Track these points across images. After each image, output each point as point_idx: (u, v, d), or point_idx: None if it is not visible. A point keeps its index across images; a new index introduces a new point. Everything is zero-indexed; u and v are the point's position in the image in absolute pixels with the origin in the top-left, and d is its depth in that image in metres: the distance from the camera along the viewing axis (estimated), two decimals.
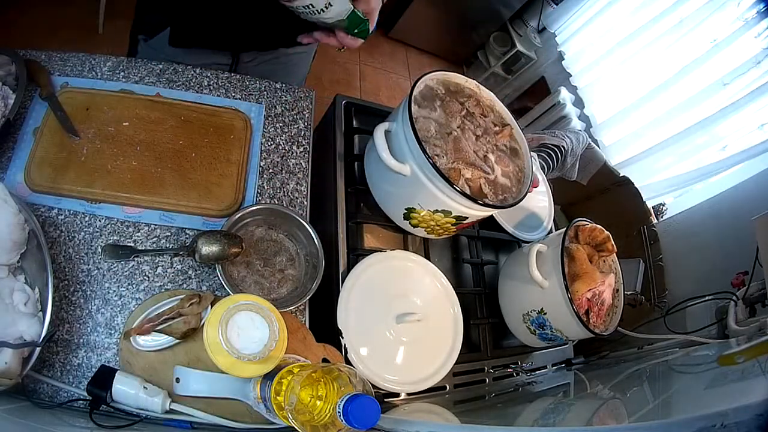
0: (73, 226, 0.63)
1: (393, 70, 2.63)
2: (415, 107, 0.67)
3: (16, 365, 0.47)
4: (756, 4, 1.54)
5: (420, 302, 0.74)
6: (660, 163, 1.82)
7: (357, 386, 0.45)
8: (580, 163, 1.44)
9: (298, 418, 0.43)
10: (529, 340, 0.82)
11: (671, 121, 1.80)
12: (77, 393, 0.54)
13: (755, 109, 1.51)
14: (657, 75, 1.88)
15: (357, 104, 0.90)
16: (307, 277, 0.69)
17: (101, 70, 0.75)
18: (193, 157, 0.71)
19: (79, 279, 0.60)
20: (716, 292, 0.90)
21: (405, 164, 0.65)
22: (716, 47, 1.66)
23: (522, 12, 2.56)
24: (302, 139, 0.82)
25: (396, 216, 0.74)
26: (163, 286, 0.63)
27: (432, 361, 0.72)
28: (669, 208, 1.56)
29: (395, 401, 0.69)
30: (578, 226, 0.80)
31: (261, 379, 0.51)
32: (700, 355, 0.75)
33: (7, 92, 0.63)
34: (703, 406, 0.46)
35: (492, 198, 0.68)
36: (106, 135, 0.68)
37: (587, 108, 2.18)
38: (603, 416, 0.58)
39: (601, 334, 0.75)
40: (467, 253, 0.92)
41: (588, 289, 0.73)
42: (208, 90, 0.79)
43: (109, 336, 0.58)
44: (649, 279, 1.20)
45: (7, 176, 0.63)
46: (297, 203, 0.76)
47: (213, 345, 0.47)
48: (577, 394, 0.78)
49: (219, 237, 0.61)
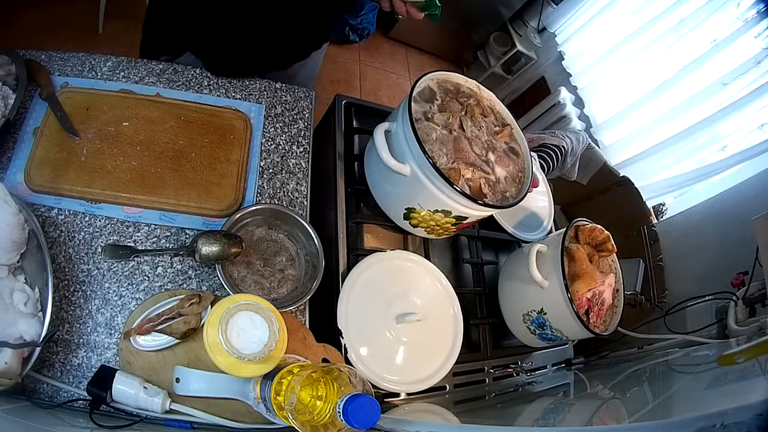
0: (73, 226, 0.63)
1: (393, 70, 2.63)
2: (415, 107, 0.67)
3: (16, 365, 0.47)
4: (756, 5, 1.54)
5: (420, 302, 0.74)
6: (660, 163, 1.82)
7: (357, 386, 0.45)
8: (580, 163, 1.44)
9: (298, 418, 0.43)
10: (529, 340, 0.82)
11: (671, 121, 1.80)
12: (77, 393, 0.54)
13: (755, 109, 1.51)
14: (657, 75, 1.88)
15: (357, 104, 0.90)
16: (307, 277, 0.69)
17: (101, 70, 0.75)
18: (193, 157, 0.71)
19: (79, 279, 0.60)
20: (716, 292, 0.89)
21: (405, 164, 0.65)
22: (716, 47, 1.66)
23: (522, 12, 2.56)
24: (302, 139, 0.82)
25: (396, 216, 0.74)
26: (163, 286, 0.63)
27: (432, 361, 0.72)
28: (669, 208, 1.56)
29: (395, 401, 0.69)
30: (578, 226, 0.80)
31: (261, 379, 0.51)
32: (700, 355, 0.75)
33: (7, 92, 0.63)
34: (703, 406, 0.46)
35: (492, 198, 0.68)
36: (106, 135, 0.68)
37: (587, 108, 2.18)
38: (603, 416, 0.58)
39: (601, 334, 0.75)
40: (467, 253, 0.92)
41: (588, 289, 0.73)
42: (208, 90, 0.79)
43: (109, 336, 0.58)
44: (649, 279, 1.20)
45: (7, 176, 0.63)
46: (297, 203, 0.76)
47: (213, 345, 0.47)
48: (577, 394, 0.78)
49: (219, 237, 0.61)
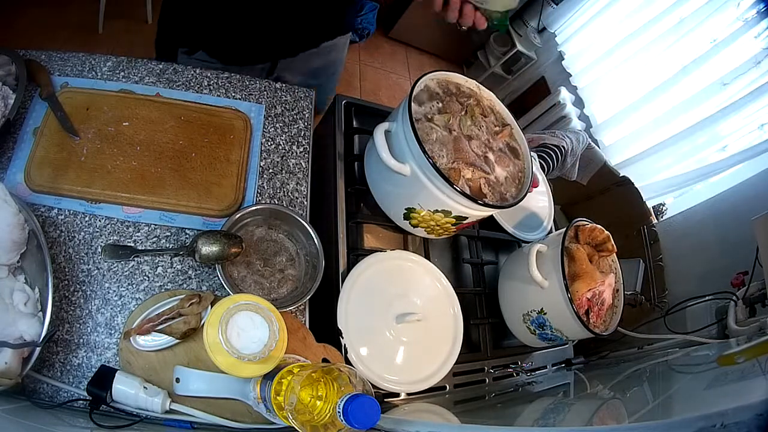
0: (73, 226, 0.63)
1: (393, 70, 2.63)
2: (414, 107, 0.67)
3: (16, 365, 0.47)
4: (756, 5, 1.54)
5: (420, 302, 0.74)
6: (660, 163, 1.82)
7: (357, 386, 0.45)
8: (580, 163, 1.44)
9: (298, 418, 0.43)
10: (529, 340, 0.82)
11: (671, 121, 1.80)
12: (77, 393, 0.54)
13: (755, 109, 1.51)
14: (657, 75, 1.88)
15: (357, 104, 0.90)
16: (307, 277, 0.69)
17: (101, 70, 0.75)
18: (193, 157, 0.71)
19: (79, 279, 0.60)
20: (716, 292, 0.89)
21: (405, 164, 0.65)
22: (716, 47, 1.66)
23: (522, 12, 2.56)
24: (302, 139, 0.82)
25: (396, 216, 0.74)
26: (163, 286, 0.63)
27: (432, 361, 0.72)
28: (669, 208, 1.56)
29: (395, 401, 0.69)
30: (578, 226, 0.80)
31: (261, 379, 0.51)
32: (700, 355, 0.75)
33: (7, 92, 0.63)
34: (703, 406, 0.46)
35: (492, 198, 0.68)
36: (106, 135, 0.68)
37: (587, 108, 2.18)
38: (603, 416, 0.58)
39: (601, 334, 0.75)
40: (467, 253, 0.92)
41: (588, 289, 0.73)
42: (208, 90, 0.79)
43: (109, 336, 0.58)
44: (649, 279, 1.20)
45: (7, 176, 0.63)
46: (297, 203, 0.76)
47: (213, 345, 0.47)
48: (577, 394, 0.78)
49: (219, 237, 0.61)
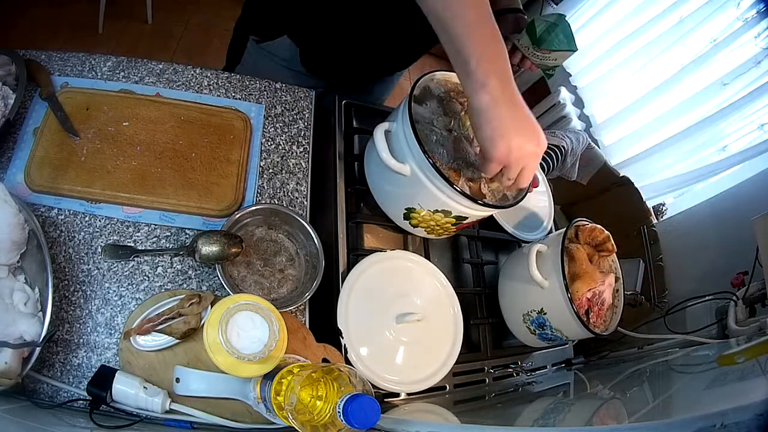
0: (73, 226, 0.63)
1: None
2: (415, 107, 0.67)
3: (16, 365, 0.47)
4: (756, 5, 1.54)
5: (420, 302, 0.74)
6: (660, 163, 1.82)
7: (357, 386, 0.45)
8: (580, 163, 1.44)
9: (298, 418, 0.43)
10: (529, 340, 0.82)
11: (671, 121, 1.80)
12: (77, 393, 0.54)
13: (755, 109, 1.51)
14: (657, 75, 1.88)
15: (357, 104, 0.90)
16: (307, 277, 0.69)
17: (101, 70, 0.75)
18: (193, 157, 0.71)
19: (79, 279, 0.60)
20: (716, 292, 0.89)
21: (405, 164, 0.64)
22: (716, 47, 1.66)
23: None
24: (302, 139, 0.82)
25: (396, 216, 0.74)
26: (163, 286, 0.63)
27: (432, 361, 0.72)
28: (669, 208, 1.56)
29: (395, 401, 0.69)
30: (578, 226, 0.80)
31: (261, 379, 0.51)
32: (700, 355, 0.75)
33: (7, 92, 0.63)
34: (703, 406, 0.46)
35: (492, 198, 0.68)
36: (106, 135, 0.68)
37: (587, 108, 2.18)
38: (603, 416, 0.58)
39: (601, 334, 0.75)
40: (467, 253, 0.92)
41: (588, 289, 0.73)
42: (208, 90, 0.79)
43: (109, 336, 0.58)
44: (649, 279, 1.20)
45: (7, 176, 0.63)
46: (297, 203, 0.76)
47: (213, 345, 0.47)
48: (577, 394, 0.78)
49: (219, 237, 0.61)
